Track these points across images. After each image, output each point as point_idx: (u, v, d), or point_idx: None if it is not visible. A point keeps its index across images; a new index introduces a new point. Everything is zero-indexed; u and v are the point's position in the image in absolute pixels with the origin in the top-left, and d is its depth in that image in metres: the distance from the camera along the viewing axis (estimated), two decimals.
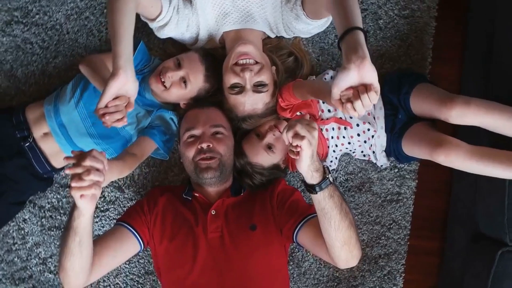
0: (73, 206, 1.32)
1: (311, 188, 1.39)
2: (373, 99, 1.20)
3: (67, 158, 1.26)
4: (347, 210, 1.44)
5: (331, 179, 1.39)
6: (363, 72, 1.18)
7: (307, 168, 1.36)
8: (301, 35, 1.87)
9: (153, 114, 1.82)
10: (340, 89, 1.22)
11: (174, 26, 1.72)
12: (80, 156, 1.24)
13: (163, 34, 1.75)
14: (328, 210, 1.41)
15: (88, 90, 1.74)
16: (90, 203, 1.27)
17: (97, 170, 1.24)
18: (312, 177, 1.37)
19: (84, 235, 1.37)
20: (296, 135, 1.30)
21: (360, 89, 1.20)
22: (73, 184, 1.22)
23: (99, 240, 1.56)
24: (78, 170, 1.22)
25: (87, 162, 1.22)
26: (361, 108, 1.21)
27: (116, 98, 1.35)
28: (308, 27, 1.74)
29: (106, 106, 1.34)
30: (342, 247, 1.46)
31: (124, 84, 1.33)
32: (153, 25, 1.71)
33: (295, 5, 1.66)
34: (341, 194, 1.45)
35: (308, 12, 1.65)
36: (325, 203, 1.40)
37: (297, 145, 1.30)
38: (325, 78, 1.84)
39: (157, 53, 1.93)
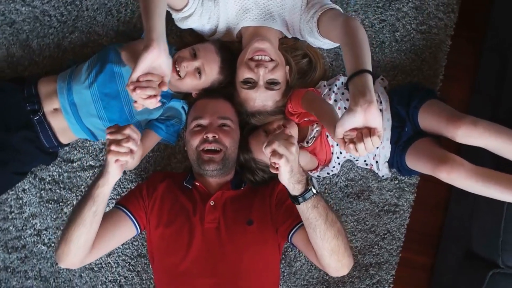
0: (99, 176, 1.40)
1: (294, 199, 1.44)
2: (375, 143, 1.25)
3: (108, 128, 1.34)
4: (333, 220, 1.47)
5: (314, 190, 1.42)
6: (369, 116, 1.23)
7: (288, 181, 1.40)
8: (311, 45, 1.88)
9: (165, 106, 1.82)
10: (345, 129, 1.27)
11: (197, 17, 1.73)
12: (120, 127, 1.35)
13: (185, 25, 1.76)
14: (312, 220, 1.45)
15: (103, 73, 1.73)
16: (119, 170, 1.39)
17: (134, 140, 1.34)
18: (294, 189, 1.41)
19: (101, 206, 1.44)
20: (274, 153, 1.34)
21: (364, 132, 1.25)
22: (113, 148, 1.32)
23: None
24: (119, 137, 1.32)
25: (127, 131, 1.33)
26: (363, 151, 1.26)
27: (148, 74, 1.32)
28: (319, 43, 1.77)
29: (137, 81, 1.32)
30: (330, 256, 1.49)
31: (157, 57, 1.30)
32: (177, 16, 1.72)
33: (311, 19, 1.68)
34: (327, 205, 1.49)
35: (321, 31, 1.68)
36: (309, 213, 1.44)
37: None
38: (336, 84, 1.85)
39: (174, 40, 1.93)
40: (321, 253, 1.51)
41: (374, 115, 1.23)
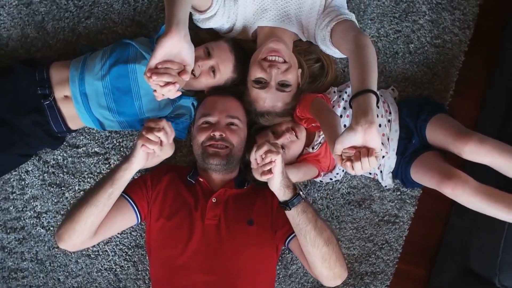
0: (123, 160, 1.47)
1: (285, 205, 1.48)
2: (372, 163, 1.26)
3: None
4: (323, 227, 1.51)
5: (302, 195, 1.48)
6: (369, 136, 1.25)
7: (280, 185, 1.45)
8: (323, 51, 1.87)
9: (175, 104, 1.81)
10: (343, 146, 1.28)
11: (219, 18, 1.74)
12: (158, 118, 1.44)
13: (207, 25, 1.76)
14: (302, 226, 1.49)
15: (117, 67, 1.71)
16: (144, 158, 1.46)
17: (167, 133, 1.41)
18: (285, 194, 1.47)
19: (117, 190, 1.50)
20: (270, 151, 1.39)
21: (363, 152, 1.26)
22: (144, 133, 1.40)
23: None
24: (152, 125, 1.40)
25: (163, 123, 1.41)
26: (359, 170, 1.28)
27: (168, 62, 1.27)
28: (330, 51, 1.78)
29: (156, 68, 1.26)
30: (322, 264, 1.52)
31: (177, 44, 1.24)
32: (200, 17, 1.71)
33: (326, 27, 1.68)
34: (316, 212, 1.53)
35: (333, 41, 1.68)
36: (299, 218, 1.49)
37: (269, 162, 1.41)
38: (346, 92, 1.85)
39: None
40: (312, 260, 1.53)
41: (374, 136, 1.25)
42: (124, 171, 1.47)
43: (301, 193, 1.50)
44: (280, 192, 1.47)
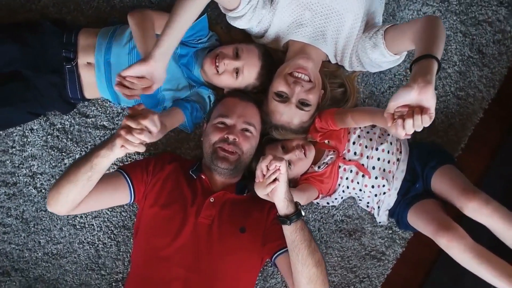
0: (103, 144, 1.38)
1: (286, 218, 1.47)
2: (425, 122, 1.23)
3: (131, 108, 1.33)
4: (315, 248, 1.52)
5: (303, 212, 1.48)
6: (424, 95, 1.22)
7: (284, 196, 1.44)
8: (367, 67, 1.84)
9: (193, 90, 1.82)
10: (397, 103, 1.25)
11: (246, 21, 1.73)
12: (142, 112, 1.31)
13: (234, 24, 1.76)
14: (297, 243, 1.49)
15: None
16: (123, 153, 1.35)
17: (150, 132, 1.32)
18: (288, 207, 1.46)
19: (96, 174, 1.44)
20: (275, 159, 1.39)
21: (416, 110, 1.23)
22: (122, 133, 1.29)
23: None
24: (133, 125, 1.29)
25: (146, 122, 1.31)
26: (410, 128, 1.24)
27: (137, 78, 1.43)
28: (382, 58, 1.71)
29: (124, 77, 1.42)
30: (307, 285, 1.52)
31: (150, 69, 1.42)
32: (227, 14, 1.72)
33: (376, 34, 1.66)
34: (311, 233, 1.53)
35: (388, 43, 1.65)
36: (296, 234, 1.48)
37: (275, 171, 1.39)
38: None
39: (222, 30, 1.91)
40: (299, 279, 1.53)
41: (429, 96, 1.22)
42: (102, 158, 1.38)
43: (302, 210, 1.49)
44: (284, 204, 1.46)
